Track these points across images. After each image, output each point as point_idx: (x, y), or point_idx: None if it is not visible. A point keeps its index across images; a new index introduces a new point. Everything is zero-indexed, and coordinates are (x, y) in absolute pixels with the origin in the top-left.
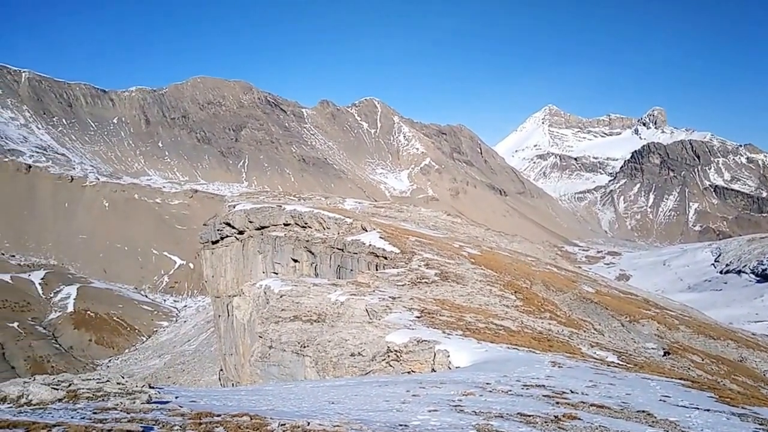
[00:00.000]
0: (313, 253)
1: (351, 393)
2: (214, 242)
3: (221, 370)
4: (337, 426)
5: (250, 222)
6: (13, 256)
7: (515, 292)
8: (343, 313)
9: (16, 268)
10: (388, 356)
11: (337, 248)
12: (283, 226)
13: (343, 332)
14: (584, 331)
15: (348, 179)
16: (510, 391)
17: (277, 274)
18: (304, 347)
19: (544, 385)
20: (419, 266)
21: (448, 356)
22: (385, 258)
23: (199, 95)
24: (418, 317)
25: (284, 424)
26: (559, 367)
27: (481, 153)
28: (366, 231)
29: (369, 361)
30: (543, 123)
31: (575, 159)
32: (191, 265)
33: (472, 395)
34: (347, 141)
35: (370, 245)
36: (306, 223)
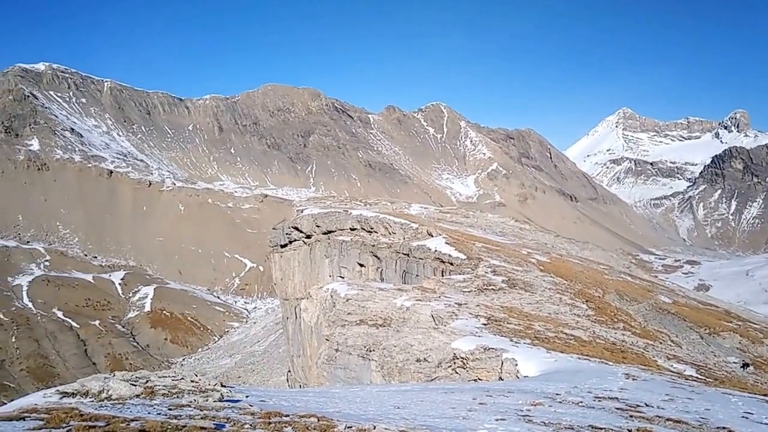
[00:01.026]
0: (378, 258)
1: (416, 398)
2: (283, 246)
3: (289, 371)
4: (403, 431)
5: (318, 226)
6: (95, 257)
7: (587, 301)
8: (408, 318)
9: (97, 269)
10: (454, 363)
11: (403, 253)
12: (349, 230)
13: (409, 337)
14: (660, 343)
15: (414, 184)
16: (581, 402)
17: (343, 278)
18: (370, 351)
19: (617, 398)
20: (486, 273)
21: (516, 365)
22: (451, 264)
23: (269, 102)
24: (484, 324)
25: (351, 427)
26: (633, 379)
27: (551, 158)
28: (432, 236)
29: (434, 367)
30: (617, 126)
31: (651, 164)
32: (261, 268)
33: (541, 405)
34: (413, 146)
35: (435, 251)
36: (372, 228)
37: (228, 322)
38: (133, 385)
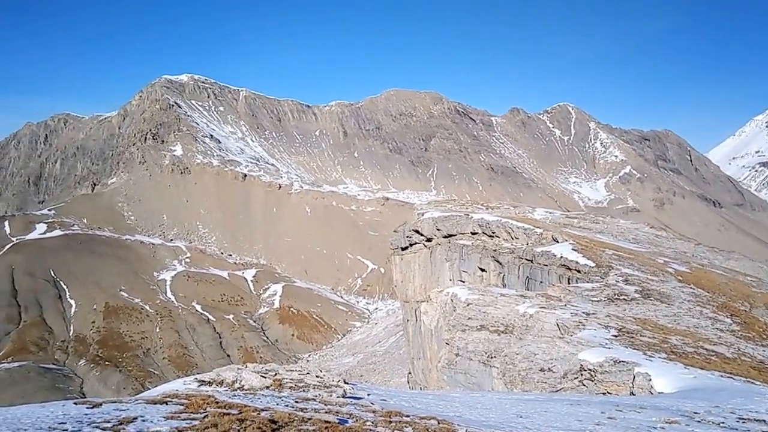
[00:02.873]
0: (500, 263)
1: (540, 409)
2: (404, 248)
3: (409, 372)
4: None
5: (438, 230)
6: (230, 255)
7: (731, 315)
8: (531, 326)
9: (232, 266)
10: (581, 375)
11: (526, 259)
12: (470, 234)
13: (532, 346)
14: None
15: (538, 188)
16: (723, 423)
17: (463, 282)
18: (491, 358)
19: (765, 420)
20: (617, 282)
21: (650, 380)
22: (578, 271)
23: (391, 107)
24: (615, 336)
25: None
26: None
27: (691, 160)
28: (557, 242)
29: (559, 377)
30: (767, 127)
31: None
32: (382, 270)
33: (677, 424)
34: (538, 149)
35: (561, 257)
36: (494, 233)
37: (350, 322)
38: (263, 377)
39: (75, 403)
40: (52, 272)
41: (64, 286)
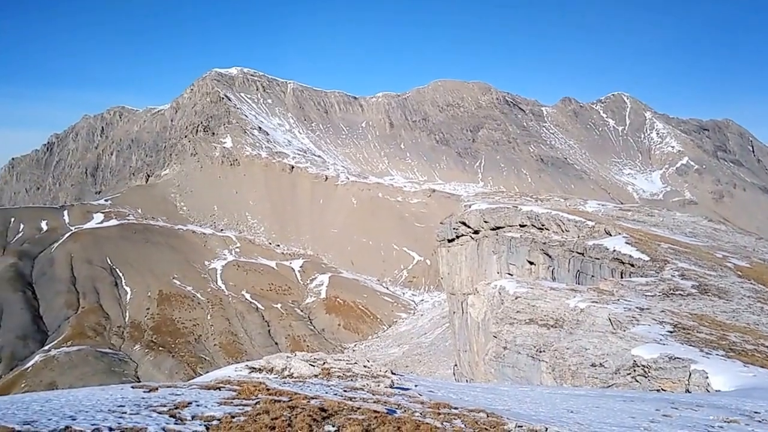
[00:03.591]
0: (550, 256)
1: (592, 404)
2: (450, 240)
3: (455, 365)
4: None
5: (486, 222)
6: (278, 245)
7: None
8: (582, 320)
9: (280, 256)
10: (634, 371)
11: (577, 252)
12: (518, 227)
13: (583, 340)
14: None
15: (590, 180)
16: None
17: (511, 275)
18: (540, 352)
19: None
20: (672, 276)
21: (707, 377)
22: (632, 265)
23: (438, 98)
24: (670, 332)
25: (521, 426)
26: None
27: (754, 151)
28: (610, 235)
29: (611, 373)
30: None
31: None
32: (428, 262)
33: (736, 423)
34: (590, 139)
35: (614, 250)
36: (543, 225)
37: (396, 313)
38: (312, 365)
39: (132, 387)
40: (108, 260)
41: (120, 274)
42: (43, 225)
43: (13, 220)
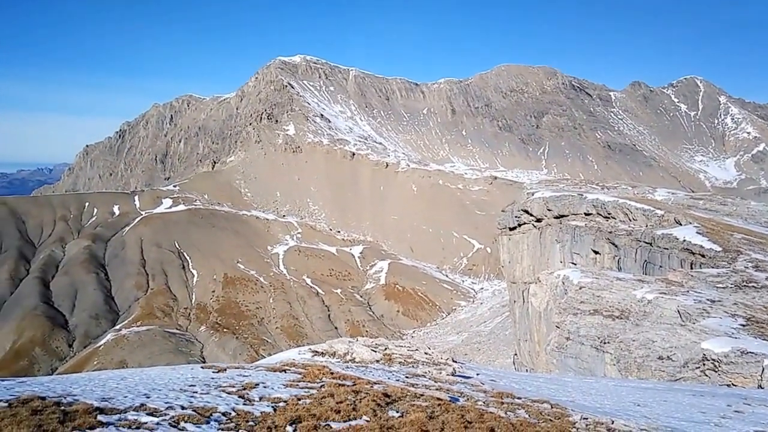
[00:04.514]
0: (616, 246)
1: (659, 398)
2: (512, 228)
3: (515, 354)
4: (644, 430)
5: (549, 210)
6: (339, 231)
7: None
8: (650, 312)
9: (340, 242)
10: (704, 365)
11: (645, 242)
12: (583, 215)
13: (650, 332)
14: None
15: (659, 167)
16: None
17: (575, 264)
18: (605, 343)
19: None
20: (746, 267)
21: None
22: (702, 256)
23: (502, 83)
24: (743, 325)
25: (587, 419)
26: None
27: None
28: (680, 224)
29: (679, 367)
30: None
31: None
32: (488, 250)
33: None
34: (660, 125)
35: (684, 240)
36: (609, 214)
37: (455, 300)
38: (373, 351)
39: (202, 368)
40: (176, 244)
41: (188, 257)
42: (116, 209)
43: (87, 204)
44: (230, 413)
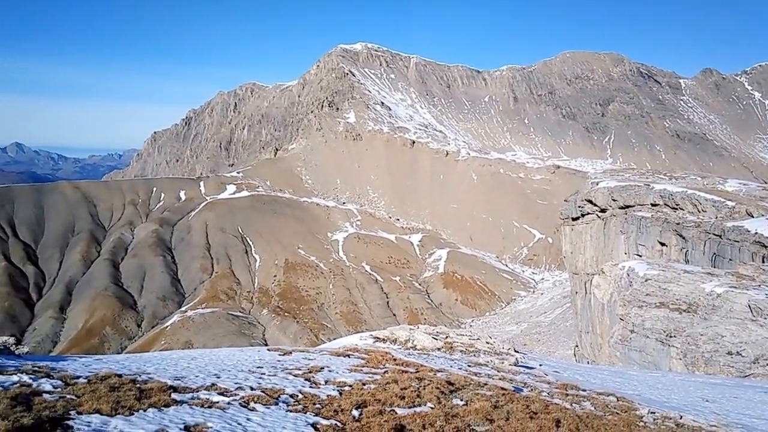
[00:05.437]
0: (683, 238)
1: (729, 394)
2: (574, 219)
3: (576, 346)
4: (714, 426)
5: (614, 200)
6: (398, 219)
7: None
8: (719, 306)
9: (399, 230)
10: None
11: (714, 234)
12: (650, 206)
13: (719, 327)
14: None
15: (731, 157)
16: None
17: (640, 256)
18: (671, 337)
19: None
20: None
21: None
22: None
23: (566, 70)
24: None
25: (654, 413)
26: None
27: None
28: (752, 216)
29: (750, 363)
30: None
31: None
32: (550, 240)
33: None
34: (733, 114)
35: (756, 233)
36: (677, 205)
37: (515, 290)
38: (434, 338)
39: (268, 350)
40: (240, 229)
41: (250, 242)
42: (182, 195)
43: (155, 189)
44: (297, 395)
